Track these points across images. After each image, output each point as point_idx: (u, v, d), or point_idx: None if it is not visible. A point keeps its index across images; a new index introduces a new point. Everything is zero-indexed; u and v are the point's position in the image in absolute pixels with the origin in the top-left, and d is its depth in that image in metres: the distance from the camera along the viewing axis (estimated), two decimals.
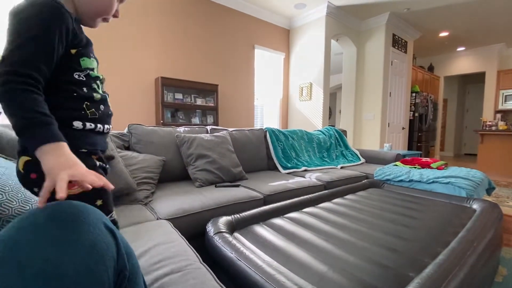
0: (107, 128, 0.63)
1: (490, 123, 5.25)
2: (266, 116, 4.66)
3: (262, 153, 2.44)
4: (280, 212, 1.38)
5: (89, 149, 0.57)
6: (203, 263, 0.83)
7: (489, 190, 2.16)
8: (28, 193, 0.72)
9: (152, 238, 0.95)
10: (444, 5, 3.98)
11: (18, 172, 0.51)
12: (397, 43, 4.73)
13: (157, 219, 1.21)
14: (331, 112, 9.66)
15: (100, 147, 0.61)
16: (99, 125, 0.60)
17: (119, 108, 3.02)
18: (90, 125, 0.57)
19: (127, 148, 1.78)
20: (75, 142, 0.53)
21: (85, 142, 0.56)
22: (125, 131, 1.85)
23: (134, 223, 1.13)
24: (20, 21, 0.47)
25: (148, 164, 1.60)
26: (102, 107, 0.62)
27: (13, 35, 0.46)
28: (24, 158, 0.49)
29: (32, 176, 0.48)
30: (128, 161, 1.55)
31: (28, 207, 0.71)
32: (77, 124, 0.55)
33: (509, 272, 1.45)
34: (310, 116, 4.46)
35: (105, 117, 0.63)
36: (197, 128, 2.14)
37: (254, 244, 1.02)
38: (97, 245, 0.33)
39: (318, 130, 3.29)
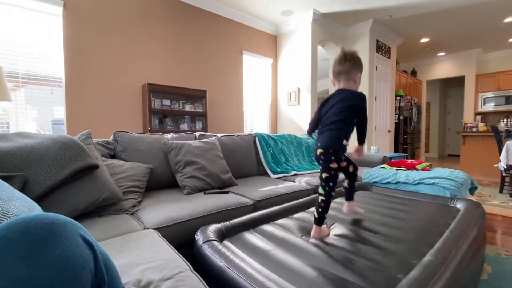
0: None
1: (470, 124, 5.45)
2: (255, 121, 4.68)
3: (251, 158, 2.44)
4: (270, 218, 1.37)
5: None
6: (194, 271, 0.81)
7: (472, 189, 2.23)
8: (6, 205, 0.69)
9: (139, 248, 0.93)
10: (423, 12, 4.15)
11: (316, 155, 1.22)
12: (381, 48, 4.87)
13: (144, 228, 1.18)
14: None
15: None
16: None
17: (105, 115, 2.95)
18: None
19: (113, 157, 1.74)
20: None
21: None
22: (111, 139, 1.80)
23: (120, 233, 1.10)
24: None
25: (135, 173, 1.56)
26: None
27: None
28: (320, 150, 1.18)
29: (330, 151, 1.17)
30: (114, 169, 1.51)
31: (5, 221, 0.67)
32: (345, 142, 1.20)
33: (493, 269, 1.49)
34: (299, 121, 4.51)
35: None
36: (185, 135, 2.12)
37: (244, 252, 1.01)
38: (72, 259, 0.31)
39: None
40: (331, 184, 1.20)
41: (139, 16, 3.18)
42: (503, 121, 6.06)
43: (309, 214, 1.42)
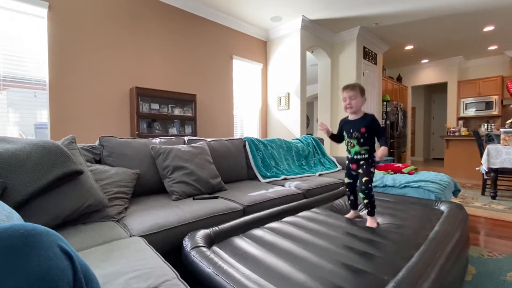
0: (350, 155, 1.53)
1: (453, 129, 5.64)
2: (245, 126, 4.68)
3: (241, 163, 2.43)
4: (259, 223, 1.36)
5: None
6: (181, 279, 0.80)
7: (456, 192, 2.30)
8: None
9: (124, 256, 0.90)
10: (408, 21, 4.30)
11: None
12: (368, 55, 5.00)
13: (130, 236, 1.15)
14: (308, 120, 9.91)
15: (350, 162, 1.54)
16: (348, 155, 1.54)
17: (90, 119, 2.88)
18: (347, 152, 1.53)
19: (98, 162, 1.69)
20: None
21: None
22: (96, 143, 1.76)
23: (105, 241, 1.06)
24: None
25: (121, 178, 1.53)
26: (349, 148, 1.53)
27: None
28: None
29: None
30: (99, 175, 1.47)
31: None
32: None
33: (477, 270, 1.53)
34: (289, 125, 4.54)
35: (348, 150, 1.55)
36: (173, 139, 2.09)
37: (233, 257, 1.00)
38: (49, 271, 0.30)
39: (296, 139, 3.34)
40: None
41: (127, 19, 3.14)
42: (484, 125, 6.30)
43: (299, 218, 1.42)
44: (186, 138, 2.19)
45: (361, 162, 1.49)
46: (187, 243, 1.06)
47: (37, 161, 1.13)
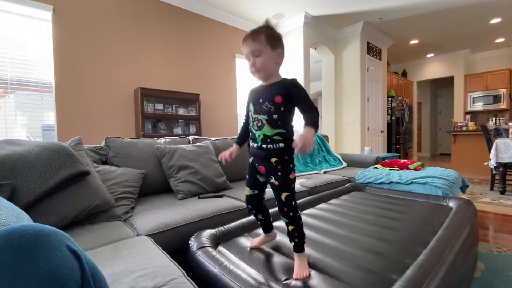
0: (256, 143, 0.96)
1: (461, 124, 5.56)
2: None
3: (246, 161, 2.43)
4: None
5: (249, 143, 1.04)
6: (187, 277, 0.80)
7: (463, 188, 2.26)
8: None
9: (132, 255, 0.91)
10: (412, 15, 4.23)
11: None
12: (372, 50, 4.94)
13: (137, 235, 1.16)
14: None
15: (255, 158, 1.00)
16: (252, 144, 1.01)
17: (96, 121, 2.91)
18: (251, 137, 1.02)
19: (105, 162, 1.71)
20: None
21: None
22: (102, 144, 1.78)
23: (112, 241, 1.08)
24: None
25: (127, 178, 1.54)
26: (253, 131, 0.99)
27: None
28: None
29: None
30: (106, 176, 1.49)
31: None
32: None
33: (486, 266, 1.51)
34: (293, 123, 4.52)
35: (252, 137, 0.99)
36: (178, 139, 2.10)
37: (239, 257, 1.00)
38: (58, 270, 0.30)
39: None
40: None
41: (130, 20, 3.16)
42: (492, 120, 6.19)
43: (304, 216, 1.42)
44: (190, 137, 2.20)
45: (273, 160, 0.90)
46: (193, 243, 1.06)
47: (45, 162, 1.14)
